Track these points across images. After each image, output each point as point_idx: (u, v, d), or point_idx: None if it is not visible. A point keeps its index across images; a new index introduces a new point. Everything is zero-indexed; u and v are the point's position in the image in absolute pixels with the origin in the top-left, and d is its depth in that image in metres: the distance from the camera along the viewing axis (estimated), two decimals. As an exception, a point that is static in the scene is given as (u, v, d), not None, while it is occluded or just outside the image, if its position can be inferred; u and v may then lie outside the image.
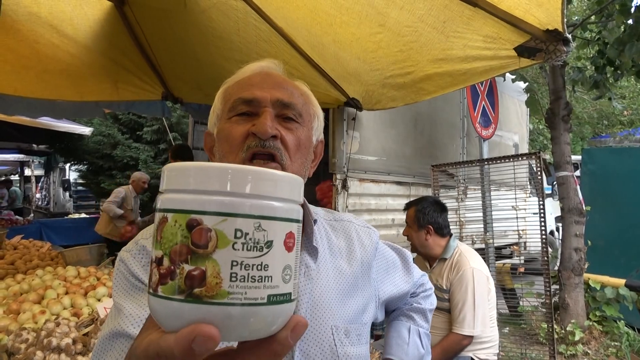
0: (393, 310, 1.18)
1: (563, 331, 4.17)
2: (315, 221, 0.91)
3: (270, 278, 0.35)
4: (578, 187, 4.61)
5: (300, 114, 0.85)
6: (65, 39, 3.25)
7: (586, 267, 4.37)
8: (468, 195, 4.82)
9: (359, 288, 0.95)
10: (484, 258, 3.83)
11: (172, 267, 0.34)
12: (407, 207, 2.71)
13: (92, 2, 2.98)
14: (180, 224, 0.35)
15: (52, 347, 1.81)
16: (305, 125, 0.86)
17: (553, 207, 7.97)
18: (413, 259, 1.19)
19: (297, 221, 0.39)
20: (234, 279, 0.34)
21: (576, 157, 6.83)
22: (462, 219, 4.32)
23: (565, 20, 1.77)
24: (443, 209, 2.66)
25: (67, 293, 2.62)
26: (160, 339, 0.34)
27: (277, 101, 0.82)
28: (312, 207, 0.95)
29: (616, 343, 4.06)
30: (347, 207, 3.87)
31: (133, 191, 6.14)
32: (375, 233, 1.06)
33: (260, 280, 0.35)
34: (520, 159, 3.73)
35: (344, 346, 0.85)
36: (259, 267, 0.35)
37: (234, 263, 0.34)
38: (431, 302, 1.22)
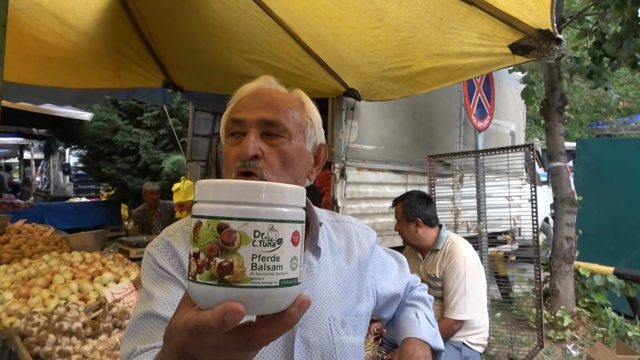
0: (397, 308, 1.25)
1: (553, 317, 4.29)
2: (320, 224, 1.00)
3: (281, 267, 0.46)
4: (571, 177, 4.69)
5: (286, 128, 0.91)
6: (68, 27, 3.28)
7: (577, 255, 4.48)
8: (464, 184, 4.90)
9: (356, 284, 1.04)
10: (477, 246, 3.93)
11: (207, 260, 0.45)
12: (394, 204, 2.80)
13: (94, -8, 3.01)
14: (212, 227, 0.45)
15: (63, 330, 1.90)
16: (293, 138, 0.92)
17: (549, 195, 8.07)
18: (405, 250, 1.26)
19: (301, 222, 0.49)
20: (254, 268, 0.44)
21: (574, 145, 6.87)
22: (459, 207, 4.40)
23: (565, 11, 1.82)
24: (429, 201, 2.76)
25: (74, 278, 2.70)
26: (198, 314, 0.44)
27: (261, 120, 0.89)
28: (317, 210, 1.03)
29: (603, 329, 4.19)
30: (345, 195, 3.94)
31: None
32: (373, 234, 1.15)
33: (273, 269, 0.45)
34: (513, 150, 3.80)
35: (340, 335, 0.95)
36: (273, 259, 0.45)
37: (254, 256, 0.44)
38: (428, 296, 1.29)
